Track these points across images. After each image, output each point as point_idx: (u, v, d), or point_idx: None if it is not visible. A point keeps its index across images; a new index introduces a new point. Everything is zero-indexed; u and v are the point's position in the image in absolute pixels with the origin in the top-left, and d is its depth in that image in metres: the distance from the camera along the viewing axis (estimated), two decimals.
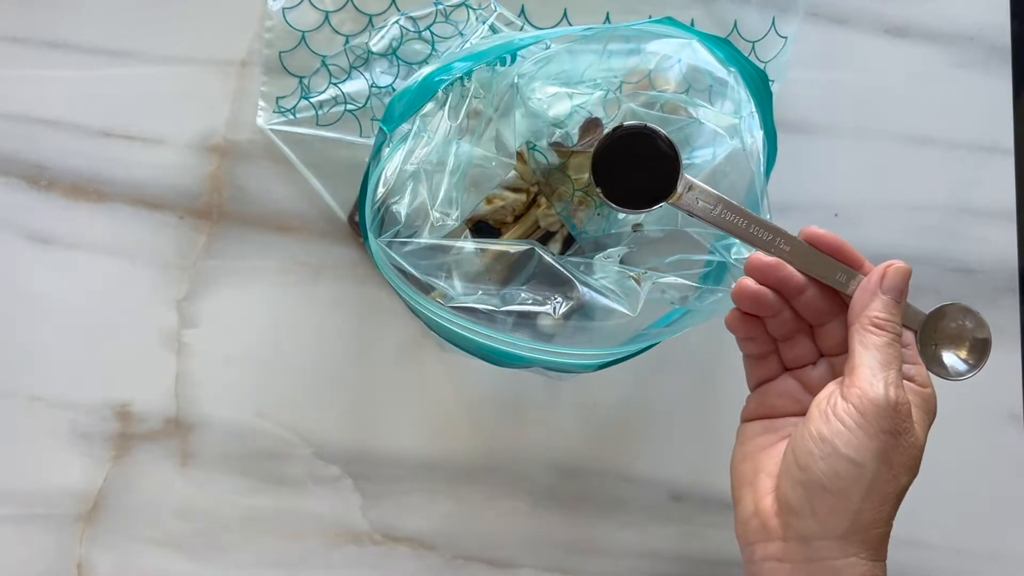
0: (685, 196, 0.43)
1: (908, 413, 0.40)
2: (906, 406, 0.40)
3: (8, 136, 0.56)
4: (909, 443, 0.40)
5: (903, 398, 0.40)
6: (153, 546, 0.55)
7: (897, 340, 0.42)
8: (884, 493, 0.41)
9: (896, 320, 0.42)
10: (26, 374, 0.55)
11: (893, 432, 0.40)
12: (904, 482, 0.41)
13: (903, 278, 0.42)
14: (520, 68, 0.49)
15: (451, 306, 0.47)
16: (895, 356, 0.41)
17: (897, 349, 0.41)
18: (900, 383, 0.41)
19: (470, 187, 0.49)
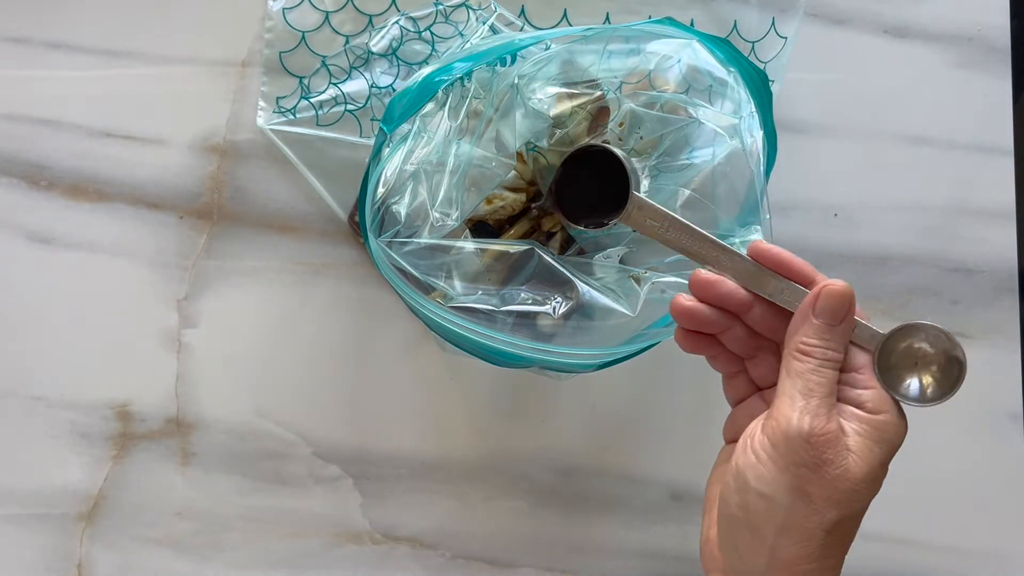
0: (634, 215, 0.44)
1: (830, 443, 0.38)
2: (826, 436, 0.38)
3: (8, 136, 0.56)
4: (833, 476, 0.38)
5: (821, 428, 0.38)
6: (153, 546, 0.55)
7: (827, 366, 0.39)
8: (804, 529, 0.39)
9: (828, 345, 0.40)
10: (26, 374, 0.55)
11: (808, 465, 0.38)
12: (831, 517, 0.39)
13: (837, 300, 0.40)
14: (520, 68, 0.49)
15: (451, 306, 0.47)
16: (820, 383, 0.39)
17: (825, 376, 0.39)
18: (823, 412, 0.38)
19: (470, 187, 0.49)
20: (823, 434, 0.38)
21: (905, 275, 0.58)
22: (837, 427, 0.38)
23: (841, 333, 0.40)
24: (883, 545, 0.57)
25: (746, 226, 0.49)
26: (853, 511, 0.39)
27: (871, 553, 0.57)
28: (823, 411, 0.38)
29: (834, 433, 0.38)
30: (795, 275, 0.41)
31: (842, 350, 0.40)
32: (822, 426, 0.38)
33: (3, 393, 0.55)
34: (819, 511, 0.38)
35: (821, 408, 0.38)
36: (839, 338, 0.40)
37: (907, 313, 0.58)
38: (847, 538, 0.41)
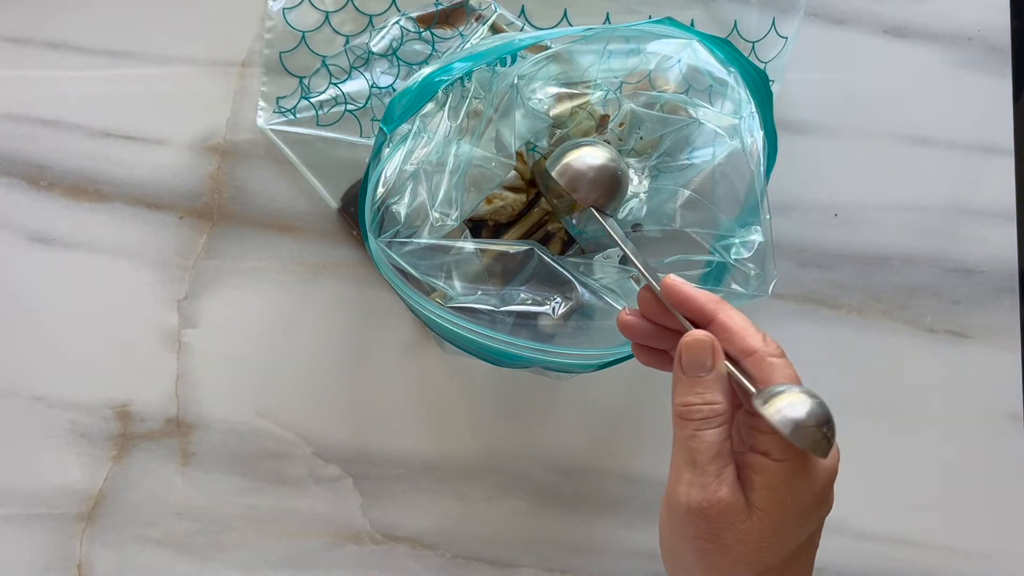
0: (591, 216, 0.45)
1: (721, 513, 0.36)
2: (716, 507, 0.36)
3: (8, 136, 0.56)
4: (733, 542, 0.36)
5: (708, 500, 0.36)
6: (153, 546, 0.55)
7: (708, 426, 0.37)
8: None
9: (703, 399, 0.37)
10: (26, 374, 0.55)
11: (704, 537, 0.37)
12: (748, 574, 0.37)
13: (696, 351, 0.38)
14: (520, 69, 0.49)
15: (451, 306, 0.47)
16: (701, 450, 0.37)
17: (705, 440, 0.37)
18: (709, 481, 0.36)
19: (470, 187, 0.49)
20: (712, 506, 0.36)
21: (905, 275, 0.58)
22: (728, 493, 0.36)
23: (711, 383, 0.38)
24: (883, 545, 0.57)
25: (746, 226, 0.49)
26: (770, 566, 0.37)
27: (871, 553, 0.57)
28: (709, 480, 0.36)
29: (725, 501, 0.36)
30: (693, 314, 0.39)
31: (721, 400, 0.38)
32: (709, 498, 0.36)
33: (3, 393, 0.55)
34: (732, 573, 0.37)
35: (707, 477, 0.36)
36: (714, 389, 0.38)
37: (907, 313, 0.58)
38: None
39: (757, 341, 0.38)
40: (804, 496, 0.37)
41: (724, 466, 0.37)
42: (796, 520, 0.37)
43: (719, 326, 0.39)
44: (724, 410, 0.38)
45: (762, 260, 0.48)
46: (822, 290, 0.58)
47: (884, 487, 0.58)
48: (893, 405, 0.58)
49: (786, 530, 0.37)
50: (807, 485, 0.37)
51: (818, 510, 0.38)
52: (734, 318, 0.39)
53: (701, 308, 0.39)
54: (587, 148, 0.46)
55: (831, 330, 0.58)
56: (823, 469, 0.37)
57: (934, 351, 0.58)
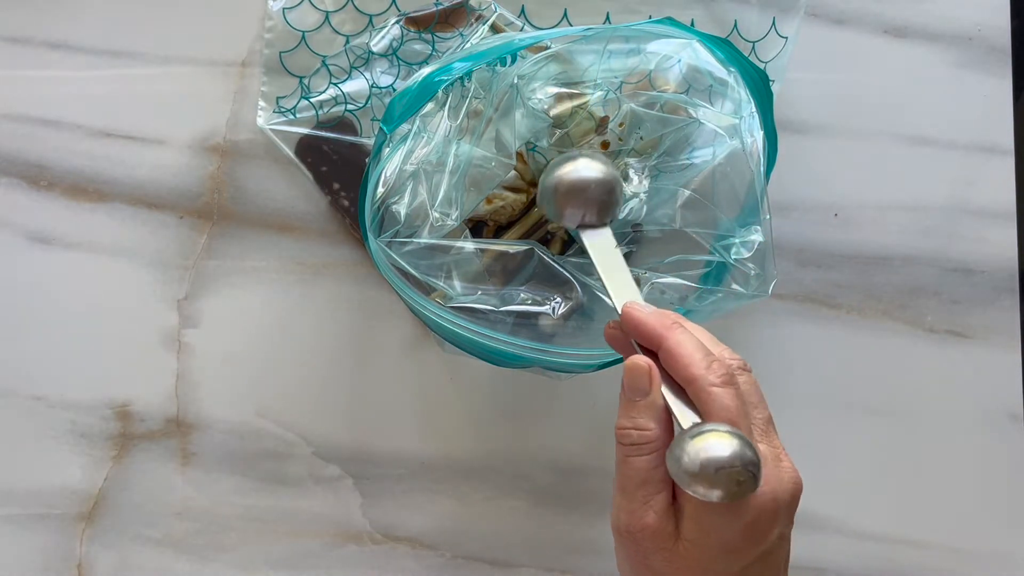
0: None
1: (647, 538, 0.36)
2: (642, 533, 0.36)
3: (8, 136, 0.56)
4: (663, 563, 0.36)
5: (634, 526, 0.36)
6: (153, 546, 0.55)
7: (639, 452, 0.37)
8: None
9: (636, 424, 0.38)
10: (26, 374, 0.55)
11: (635, 558, 0.37)
12: None
13: (633, 376, 0.38)
14: (520, 68, 0.49)
15: (451, 306, 0.47)
16: (630, 476, 0.37)
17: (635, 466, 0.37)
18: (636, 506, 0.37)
19: (470, 187, 0.49)
20: (639, 530, 0.36)
21: (905, 275, 0.58)
22: (654, 520, 0.36)
23: (644, 409, 0.38)
24: (883, 545, 0.57)
25: (746, 226, 0.49)
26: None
27: (871, 553, 0.57)
28: (636, 506, 0.37)
29: (650, 528, 0.36)
30: (646, 340, 0.39)
31: (653, 427, 0.37)
32: (635, 523, 0.36)
33: (3, 393, 0.55)
34: None
35: (634, 503, 0.37)
36: (647, 414, 0.37)
37: (907, 313, 0.58)
38: None
39: (699, 369, 0.37)
40: (728, 533, 0.36)
41: (653, 493, 0.37)
42: (724, 555, 0.36)
43: (666, 352, 0.38)
44: (655, 437, 0.37)
45: (762, 260, 0.48)
46: (822, 290, 0.58)
47: (884, 487, 0.58)
48: (893, 405, 0.58)
49: (713, 562, 0.36)
50: (731, 522, 0.36)
51: (749, 545, 0.37)
52: (682, 344, 0.38)
53: (651, 333, 0.39)
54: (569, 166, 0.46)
55: (831, 330, 0.58)
56: (753, 506, 0.36)
57: (934, 351, 0.58)
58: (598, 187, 0.45)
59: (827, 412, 0.58)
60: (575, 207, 0.45)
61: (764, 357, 0.57)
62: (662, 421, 0.38)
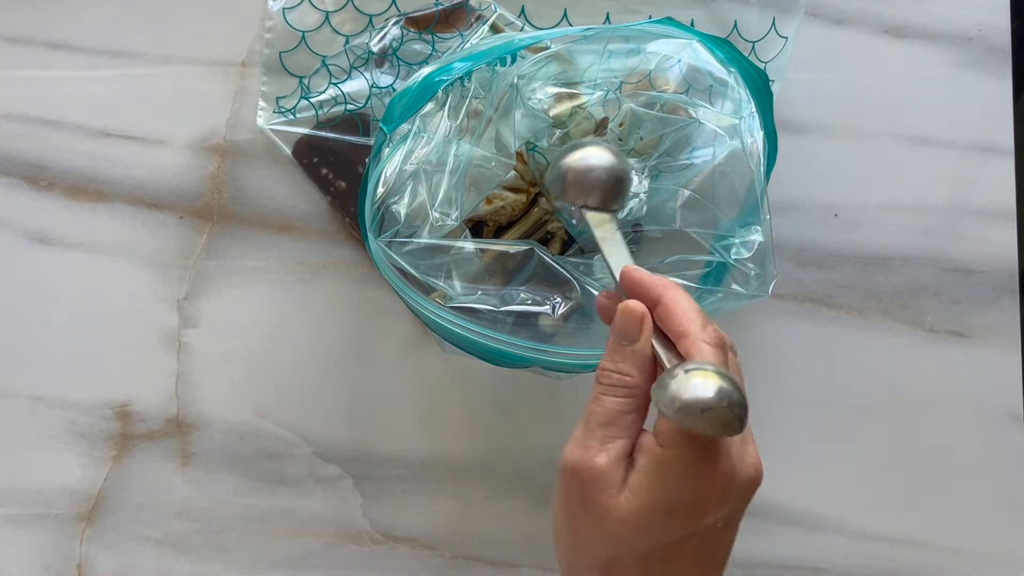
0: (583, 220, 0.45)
1: (593, 479, 0.35)
2: (589, 471, 0.35)
3: (8, 136, 0.56)
4: (595, 512, 0.35)
5: (583, 462, 0.36)
6: (153, 546, 0.55)
7: (613, 393, 0.37)
8: (577, 564, 0.37)
9: (618, 368, 0.37)
10: (26, 374, 0.55)
11: (575, 500, 0.36)
12: (602, 555, 0.36)
13: (626, 320, 0.37)
14: (520, 68, 0.49)
15: (451, 306, 0.47)
16: (597, 413, 0.36)
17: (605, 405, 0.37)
18: (592, 443, 0.36)
19: (470, 187, 0.49)
20: (584, 468, 0.36)
21: (905, 275, 0.58)
22: (605, 463, 0.36)
23: (630, 355, 0.37)
24: (883, 545, 0.57)
25: (746, 226, 0.49)
26: (625, 553, 0.36)
27: (871, 553, 0.57)
28: (592, 443, 0.36)
29: (598, 469, 0.35)
30: (645, 299, 0.39)
31: (634, 374, 0.37)
32: (586, 459, 0.36)
33: (3, 393, 0.55)
34: (588, 549, 0.36)
35: (591, 440, 0.36)
36: (631, 361, 0.37)
37: (907, 313, 0.58)
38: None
39: (694, 325, 0.37)
40: (675, 494, 0.35)
41: (614, 437, 0.36)
42: (663, 516, 0.35)
43: (663, 307, 0.38)
44: (634, 384, 0.37)
45: (762, 260, 0.48)
46: (822, 290, 0.58)
47: (884, 487, 0.58)
48: (893, 405, 0.58)
49: (651, 522, 0.35)
50: (684, 483, 0.35)
51: (693, 515, 0.36)
52: (680, 301, 0.38)
53: (650, 290, 0.39)
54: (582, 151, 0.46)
55: (831, 330, 0.58)
56: (711, 474, 0.35)
57: (934, 351, 0.58)
58: (608, 174, 0.45)
59: (827, 412, 0.58)
60: (582, 189, 0.45)
61: (764, 357, 0.57)
62: (645, 371, 0.37)
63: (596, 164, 0.45)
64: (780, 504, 0.57)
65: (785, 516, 0.57)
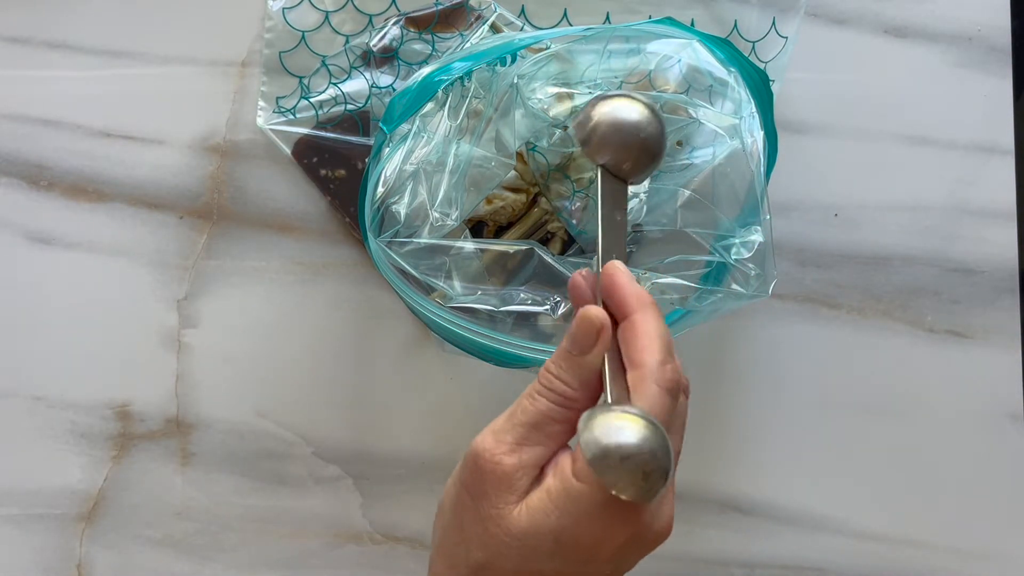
0: None
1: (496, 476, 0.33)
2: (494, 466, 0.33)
3: (8, 136, 0.56)
4: (486, 514, 0.33)
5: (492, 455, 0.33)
6: (153, 546, 0.55)
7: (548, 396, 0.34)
8: (451, 556, 0.35)
9: (560, 375, 0.34)
10: (26, 374, 0.55)
11: (469, 489, 0.34)
12: (476, 557, 0.34)
13: (581, 327, 0.34)
14: (520, 68, 0.49)
15: (451, 306, 0.47)
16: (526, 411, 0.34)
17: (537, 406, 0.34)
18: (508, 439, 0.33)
19: (470, 187, 0.49)
20: (491, 462, 0.33)
21: (905, 275, 0.58)
22: (514, 465, 0.33)
23: (579, 367, 0.34)
24: (883, 545, 0.57)
25: (746, 226, 0.49)
26: (499, 565, 0.33)
27: (871, 553, 0.57)
28: (509, 439, 0.33)
29: (503, 469, 0.33)
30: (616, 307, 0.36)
31: (577, 387, 0.34)
32: (495, 454, 0.33)
33: (3, 393, 0.55)
34: (465, 543, 0.34)
35: (509, 435, 0.34)
36: (575, 372, 0.34)
37: (907, 313, 0.58)
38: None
39: (652, 358, 0.34)
40: (574, 530, 0.33)
41: (533, 442, 0.34)
42: (551, 546, 0.33)
43: (629, 324, 0.35)
44: (572, 396, 0.34)
45: (762, 260, 0.48)
46: (822, 290, 0.58)
47: (884, 487, 0.58)
48: (893, 405, 0.58)
49: (536, 547, 0.33)
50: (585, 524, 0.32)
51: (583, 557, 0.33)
52: (648, 324, 0.35)
53: (624, 299, 0.35)
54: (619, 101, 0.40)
55: (831, 330, 0.58)
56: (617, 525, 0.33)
57: (934, 351, 0.58)
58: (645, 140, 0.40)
59: (827, 412, 0.58)
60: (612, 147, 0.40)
61: (764, 357, 0.57)
62: (588, 385, 0.35)
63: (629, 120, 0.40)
64: (780, 504, 0.57)
65: (785, 516, 0.57)
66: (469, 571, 0.34)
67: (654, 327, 0.35)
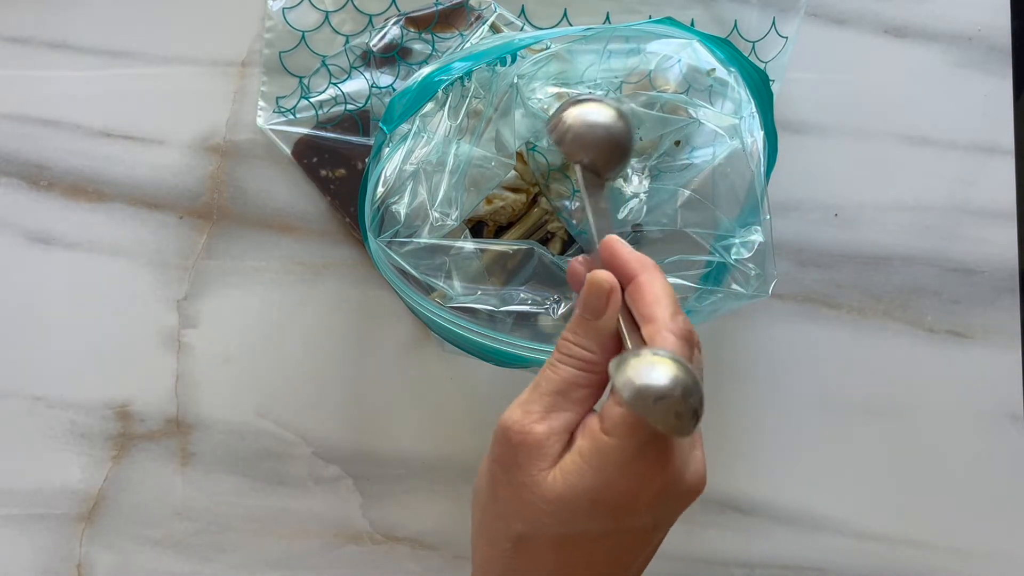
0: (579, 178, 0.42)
1: (527, 446, 0.33)
2: (524, 436, 0.33)
3: (8, 136, 0.56)
4: (520, 482, 0.33)
5: (522, 426, 0.34)
6: (153, 546, 0.55)
7: (568, 363, 0.35)
8: (491, 531, 0.35)
9: (578, 341, 0.35)
10: (26, 374, 0.55)
11: (502, 462, 0.34)
12: (516, 529, 0.34)
13: (592, 292, 0.35)
14: (520, 68, 0.49)
15: (451, 306, 0.47)
16: (550, 379, 0.35)
17: (559, 373, 0.35)
18: (536, 409, 0.34)
19: (470, 187, 0.49)
20: (521, 432, 0.34)
21: (905, 275, 0.58)
22: (544, 431, 0.34)
23: (596, 331, 0.35)
24: (883, 545, 0.57)
25: (746, 226, 0.49)
26: (540, 532, 0.34)
27: (871, 553, 0.57)
28: (537, 409, 0.34)
29: (534, 436, 0.34)
30: (621, 275, 0.37)
31: (597, 351, 0.35)
32: (524, 424, 0.34)
33: (3, 393, 0.55)
34: (504, 517, 0.34)
35: (536, 405, 0.34)
36: (593, 336, 0.35)
37: (907, 313, 0.58)
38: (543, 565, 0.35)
39: (663, 312, 0.35)
40: (610, 485, 0.33)
41: (560, 408, 0.34)
42: (588, 505, 0.33)
43: (636, 286, 0.36)
44: (593, 360, 0.35)
45: (762, 260, 0.48)
46: (822, 290, 0.58)
47: (884, 487, 0.58)
48: (893, 405, 0.58)
49: (574, 508, 0.33)
50: (619, 477, 0.33)
51: (621, 511, 0.34)
52: (654, 283, 0.36)
53: (626, 263, 0.37)
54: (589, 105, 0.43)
55: (831, 330, 0.58)
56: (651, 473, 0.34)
57: (934, 351, 0.58)
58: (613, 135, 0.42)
59: (827, 412, 0.58)
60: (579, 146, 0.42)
61: (764, 357, 0.57)
62: (607, 349, 0.35)
63: (598, 123, 0.42)
64: (780, 504, 0.57)
65: (785, 516, 0.57)
66: (511, 544, 0.34)
67: (660, 285, 0.36)
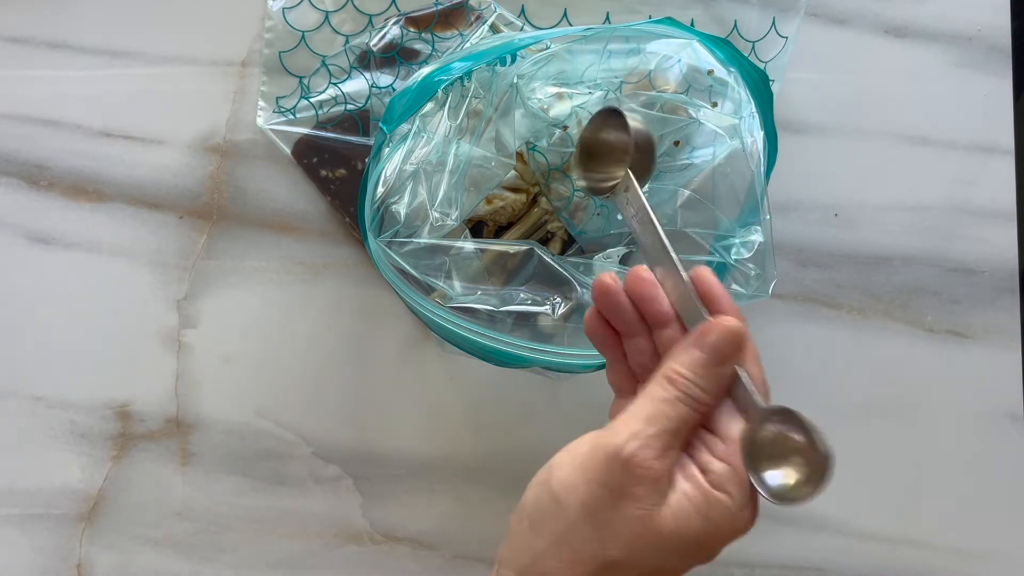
0: (621, 195, 0.41)
1: (647, 480, 0.34)
2: (646, 471, 0.34)
3: (8, 136, 0.56)
4: (632, 514, 0.34)
5: (644, 460, 0.34)
6: (153, 546, 0.55)
7: (687, 403, 0.36)
8: (578, 552, 0.35)
9: (699, 383, 0.36)
10: (26, 374, 0.55)
11: (612, 488, 0.34)
12: (612, 554, 0.35)
13: (727, 339, 0.36)
14: (520, 68, 0.49)
15: (451, 306, 0.47)
16: (669, 416, 0.35)
17: (678, 411, 0.35)
18: (656, 445, 0.35)
19: (470, 187, 0.49)
20: (643, 467, 0.34)
21: (905, 275, 0.58)
22: (665, 469, 0.35)
23: (717, 376, 0.36)
24: (883, 545, 0.57)
25: (746, 226, 0.49)
26: (635, 562, 0.35)
27: (871, 553, 0.57)
28: (656, 444, 0.35)
29: (657, 472, 0.34)
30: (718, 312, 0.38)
31: (712, 395, 0.36)
32: (646, 458, 0.34)
33: (3, 393, 0.55)
34: (602, 540, 0.35)
35: (656, 441, 0.35)
36: (714, 381, 0.36)
37: (907, 313, 0.58)
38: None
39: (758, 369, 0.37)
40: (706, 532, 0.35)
41: (673, 448, 0.35)
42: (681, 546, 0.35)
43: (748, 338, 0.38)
44: (708, 404, 0.36)
45: (762, 260, 0.48)
46: (822, 290, 0.58)
47: (884, 487, 0.58)
48: (893, 405, 0.58)
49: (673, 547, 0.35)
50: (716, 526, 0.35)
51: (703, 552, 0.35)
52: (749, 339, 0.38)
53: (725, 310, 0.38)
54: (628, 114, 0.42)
55: (831, 330, 0.58)
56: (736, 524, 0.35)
57: (934, 351, 0.58)
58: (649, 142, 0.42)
59: (827, 412, 0.57)
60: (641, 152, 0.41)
61: (764, 357, 0.57)
62: (722, 392, 0.37)
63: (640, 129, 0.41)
64: None
65: (785, 516, 0.57)
66: (597, 566, 0.35)
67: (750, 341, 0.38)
